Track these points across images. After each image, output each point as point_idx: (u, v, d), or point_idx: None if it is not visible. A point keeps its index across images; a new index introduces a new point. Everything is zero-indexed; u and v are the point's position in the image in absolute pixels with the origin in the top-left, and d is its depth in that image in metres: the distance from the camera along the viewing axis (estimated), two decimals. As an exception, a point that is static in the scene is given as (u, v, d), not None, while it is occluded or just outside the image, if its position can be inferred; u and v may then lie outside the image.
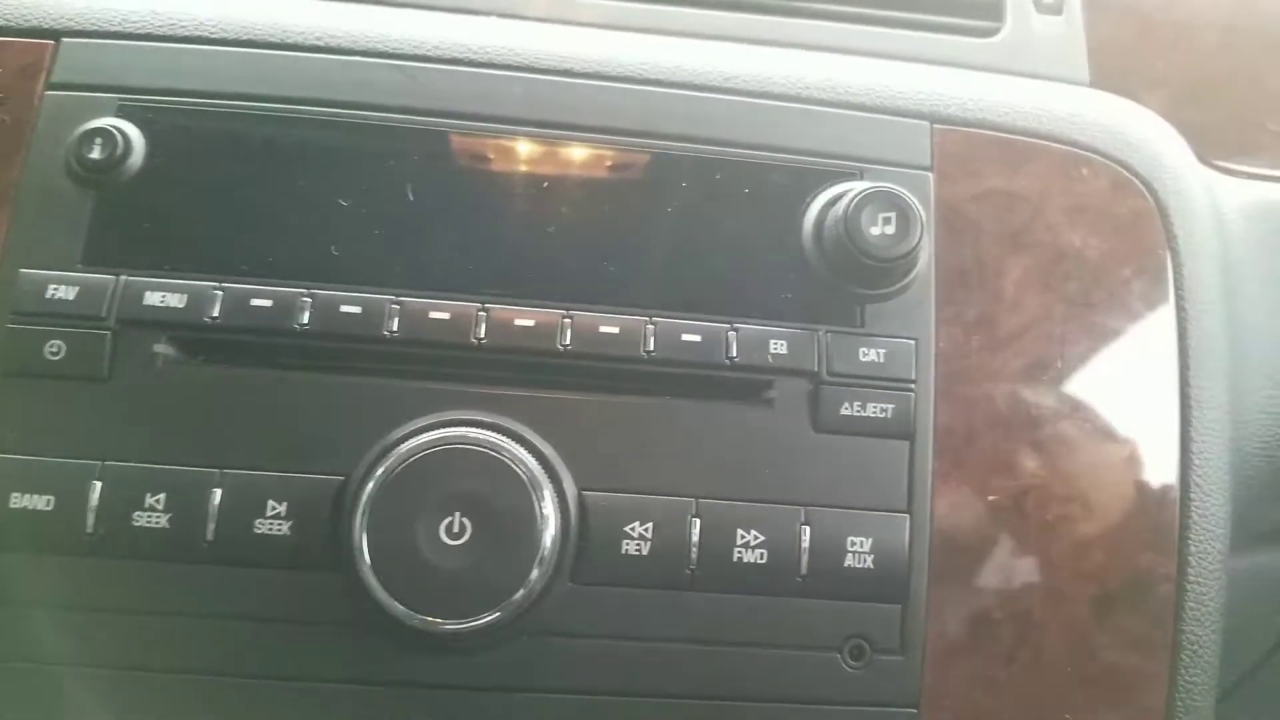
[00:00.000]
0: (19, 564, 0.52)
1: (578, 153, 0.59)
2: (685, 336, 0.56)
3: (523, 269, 0.57)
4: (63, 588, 0.52)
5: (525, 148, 0.59)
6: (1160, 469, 0.59)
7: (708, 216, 0.59)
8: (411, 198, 0.57)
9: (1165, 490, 0.59)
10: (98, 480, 0.52)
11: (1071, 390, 0.59)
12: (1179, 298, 0.61)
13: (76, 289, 0.54)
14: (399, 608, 0.50)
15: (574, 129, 0.59)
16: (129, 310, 0.54)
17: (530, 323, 0.55)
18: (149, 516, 0.52)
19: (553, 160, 0.59)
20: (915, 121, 0.61)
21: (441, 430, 0.53)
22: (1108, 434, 0.59)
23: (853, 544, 0.55)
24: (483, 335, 0.55)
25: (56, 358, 0.53)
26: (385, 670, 0.53)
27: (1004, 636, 0.56)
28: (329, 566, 0.52)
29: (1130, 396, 0.60)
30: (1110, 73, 0.71)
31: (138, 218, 0.56)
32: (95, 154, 0.56)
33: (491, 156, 0.59)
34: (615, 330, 0.56)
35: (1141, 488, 0.59)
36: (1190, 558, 0.58)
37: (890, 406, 0.56)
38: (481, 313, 0.55)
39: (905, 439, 0.57)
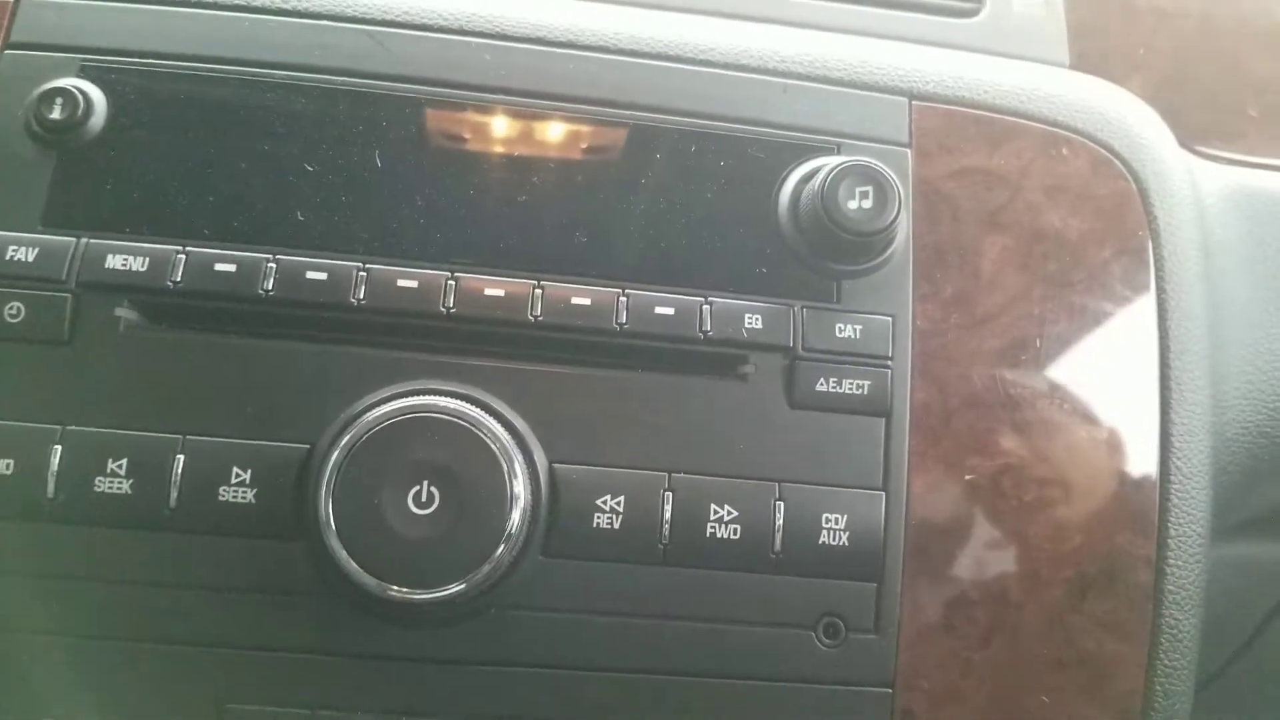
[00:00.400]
0: None
1: (551, 122, 0.58)
2: (658, 309, 0.55)
3: (493, 238, 0.56)
4: (22, 554, 0.51)
5: (497, 116, 0.58)
6: (1140, 451, 0.58)
7: (683, 189, 0.58)
8: (380, 164, 0.56)
9: (1145, 472, 0.58)
10: (58, 445, 0.51)
11: (1050, 371, 0.58)
12: (1159, 279, 0.61)
13: (36, 250, 0.53)
14: (365, 577, 0.49)
15: (547, 98, 0.58)
16: (90, 273, 0.53)
17: (500, 292, 0.54)
18: (111, 482, 0.50)
19: (525, 129, 0.58)
20: (894, 97, 0.61)
21: (410, 399, 0.51)
22: (1087, 415, 0.58)
23: (827, 521, 0.54)
24: (452, 304, 0.54)
25: (15, 320, 0.52)
26: (352, 641, 0.52)
27: (980, 617, 0.56)
28: (294, 535, 0.51)
29: (1110, 378, 0.59)
30: (1090, 56, 0.71)
31: (99, 179, 0.55)
32: (56, 114, 0.55)
33: (462, 124, 0.58)
34: (587, 302, 0.55)
35: (1121, 469, 0.58)
36: (1170, 540, 0.58)
37: (866, 383, 0.56)
38: (450, 281, 0.54)
39: (881, 416, 0.56)
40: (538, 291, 0.55)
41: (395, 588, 0.49)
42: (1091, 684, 0.56)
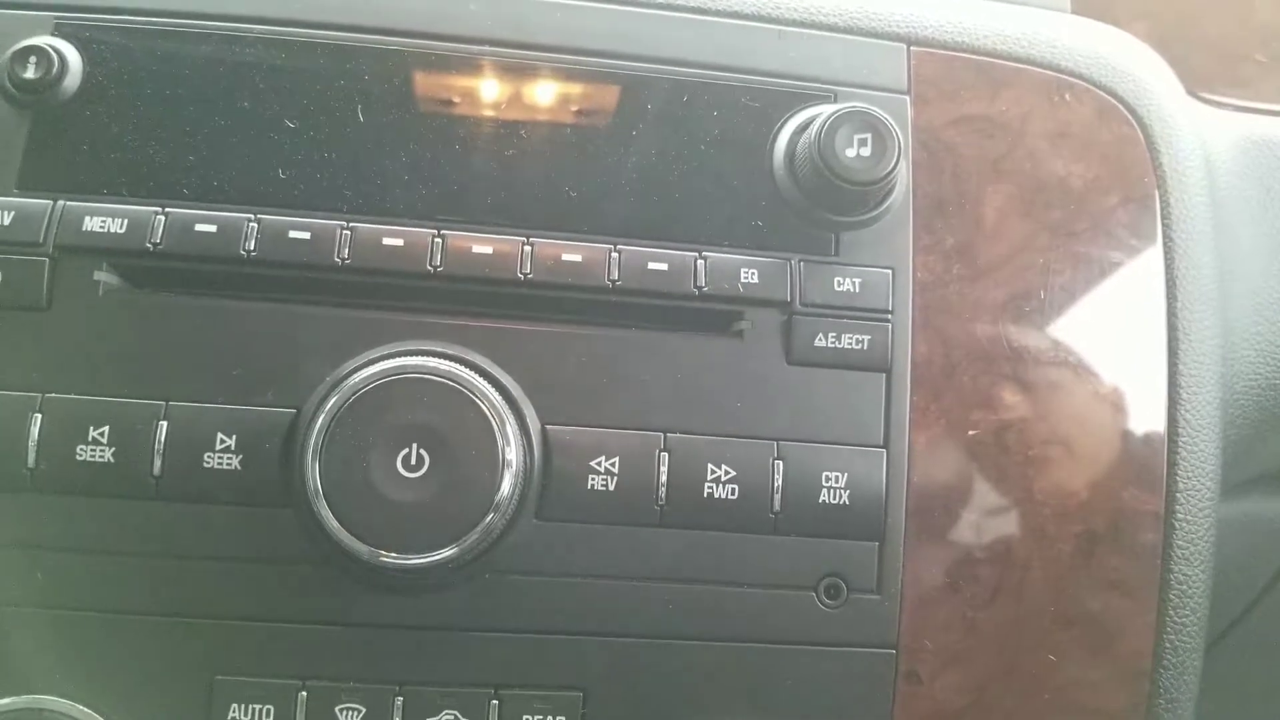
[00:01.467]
0: None
1: (539, 74, 0.56)
2: (651, 265, 0.53)
3: (480, 194, 0.54)
4: (4, 525, 0.49)
5: (483, 68, 0.56)
6: (1148, 404, 0.57)
7: (674, 141, 0.56)
8: (363, 120, 0.54)
9: (1152, 426, 0.57)
10: (38, 413, 0.49)
11: (1055, 323, 0.57)
12: (1166, 227, 0.59)
13: (12, 214, 0.51)
14: (355, 543, 0.48)
15: (535, 49, 0.56)
16: (68, 236, 0.51)
17: (488, 250, 0.53)
18: (93, 450, 0.49)
19: (512, 81, 0.56)
20: (891, 43, 0.59)
21: (397, 360, 0.50)
22: (1093, 368, 0.57)
23: (827, 480, 0.52)
24: (439, 263, 0.52)
25: None
26: (343, 610, 0.51)
27: (985, 576, 0.54)
28: (282, 502, 0.50)
29: (1116, 328, 0.57)
30: (1093, 1, 0.69)
31: (75, 140, 0.53)
32: (29, 74, 0.53)
33: (448, 77, 0.56)
34: (578, 258, 0.53)
35: (1128, 423, 0.57)
36: (1179, 495, 0.56)
37: (866, 338, 0.54)
38: (437, 239, 0.53)
39: (882, 371, 0.54)
40: (527, 248, 0.53)
41: (385, 553, 0.48)
42: (1099, 642, 0.55)
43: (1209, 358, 0.58)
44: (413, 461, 0.49)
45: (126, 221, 0.51)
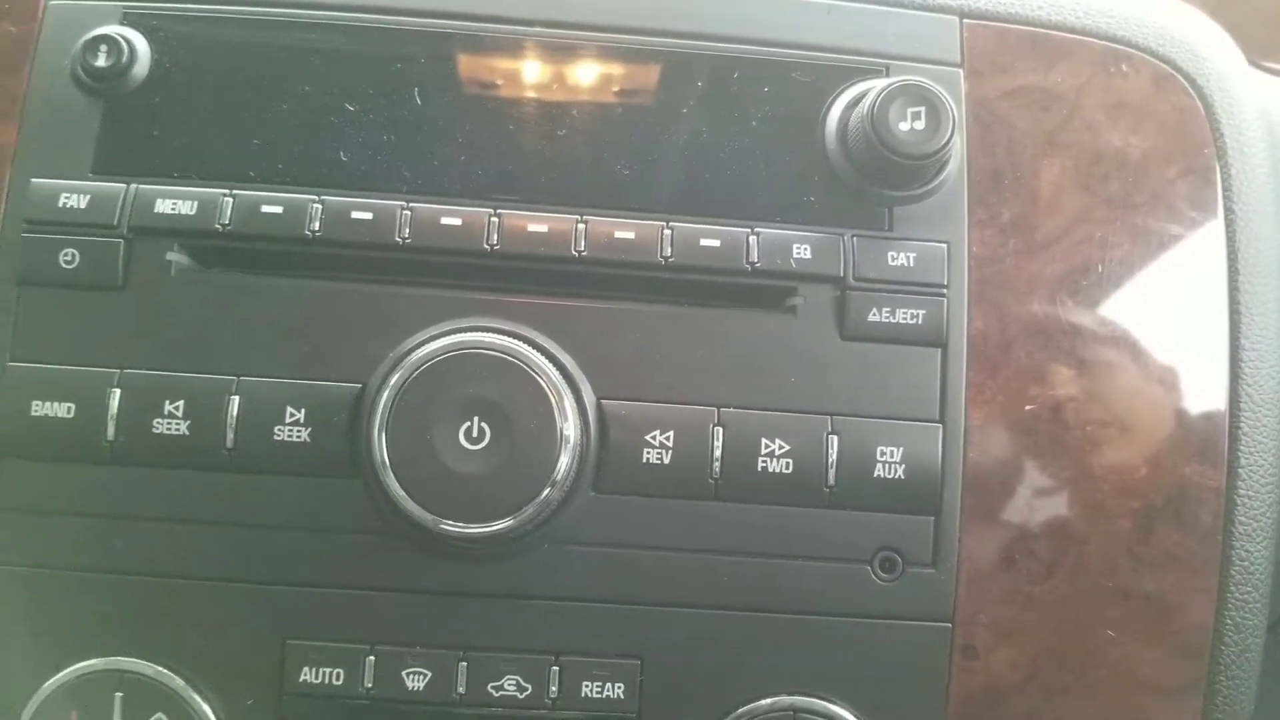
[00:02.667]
0: (40, 472, 0.52)
1: (590, 53, 0.57)
2: (704, 241, 0.54)
3: (535, 173, 0.55)
4: (84, 495, 0.52)
5: (536, 49, 0.57)
6: (1208, 378, 0.56)
7: (725, 117, 0.56)
8: (420, 103, 0.56)
9: (1213, 400, 0.56)
10: (116, 388, 0.51)
11: (1114, 297, 0.56)
12: (1227, 199, 0.58)
13: (88, 197, 0.53)
14: (420, 512, 0.49)
15: (587, 28, 0.57)
16: (140, 218, 0.53)
17: (543, 228, 0.54)
18: (168, 424, 0.51)
19: (565, 61, 0.57)
20: (944, 16, 0.59)
21: (458, 335, 0.51)
22: (1152, 341, 0.56)
23: (883, 454, 0.53)
24: (495, 241, 0.53)
25: (70, 266, 0.53)
26: (409, 577, 0.52)
27: (1041, 550, 0.54)
28: (349, 473, 0.51)
29: (1176, 302, 0.57)
30: (1152, -29, 0.68)
31: (146, 126, 0.55)
32: (101, 62, 0.55)
33: (501, 58, 0.57)
34: (631, 235, 0.54)
35: (1188, 398, 0.56)
36: (1241, 470, 0.56)
37: (921, 312, 0.54)
38: (494, 218, 0.54)
39: (937, 346, 0.54)
40: (580, 226, 0.54)
41: (449, 522, 0.49)
42: (1158, 618, 0.55)
43: (1271, 331, 0.57)
44: (474, 434, 0.50)
45: (196, 203, 0.53)
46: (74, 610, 0.52)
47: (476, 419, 0.50)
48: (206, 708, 0.51)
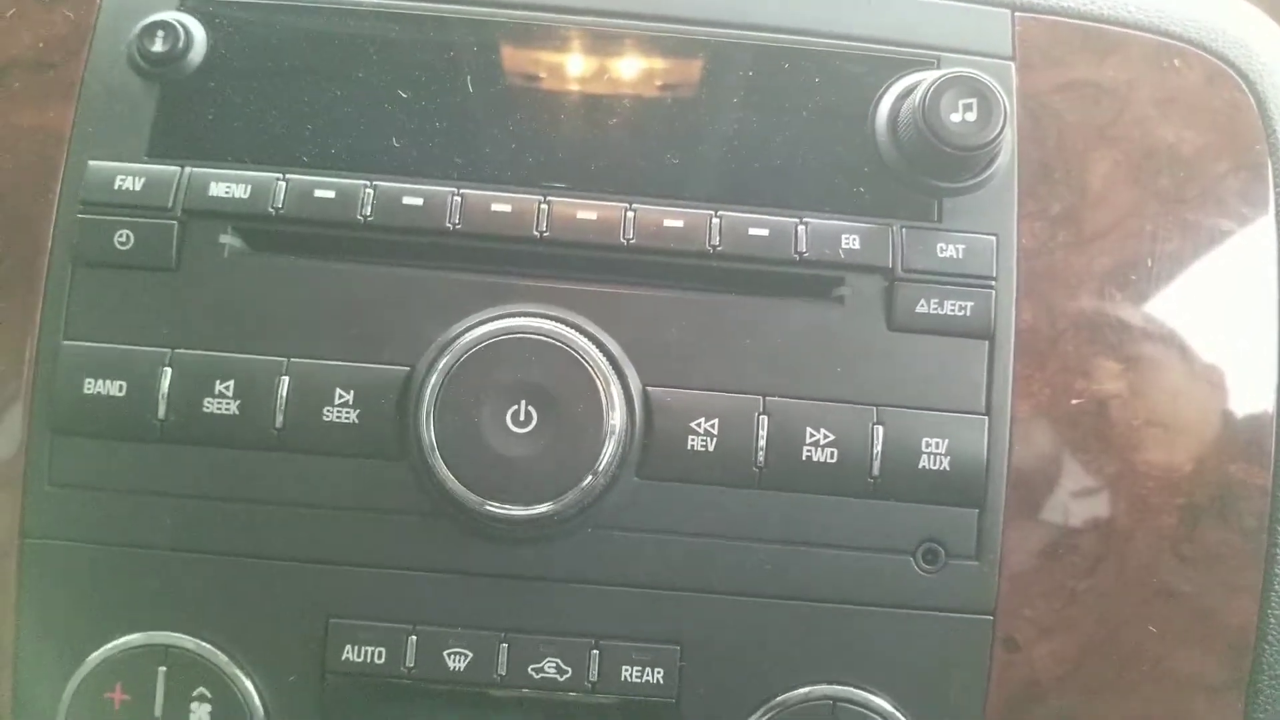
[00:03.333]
0: (91, 448, 0.52)
1: (641, 43, 0.57)
2: (752, 231, 0.54)
3: (584, 161, 0.55)
4: (134, 472, 0.53)
5: (586, 38, 0.57)
6: (1257, 375, 0.56)
7: (775, 107, 0.56)
8: (471, 89, 0.56)
9: (1261, 398, 0.56)
10: (168, 367, 0.52)
11: (1163, 292, 0.56)
12: (1279, 194, 0.58)
13: (143, 180, 0.54)
14: (466, 494, 0.50)
15: (637, 18, 0.57)
16: (194, 201, 0.54)
17: (592, 215, 0.54)
18: (219, 403, 0.52)
19: (615, 50, 0.57)
20: (996, 9, 0.58)
21: (507, 320, 0.52)
22: (1200, 338, 0.56)
23: (928, 445, 0.53)
24: (545, 228, 0.54)
25: (125, 247, 0.54)
26: (453, 558, 0.53)
27: (1086, 545, 0.54)
28: (396, 454, 0.52)
29: (1226, 299, 0.56)
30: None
31: (201, 110, 0.56)
32: (157, 47, 0.56)
33: (552, 47, 0.57)
34: (679, 224, 0.54)
35: (1236, 396, 0.56)
36: (1288, 468, 0.55)
37: (969, 304, 0.54)
38: (543, 205, 0.54)
39: (984, 338, 0.54)
40: (629, 214, 0.54)
41: (493, 504, 0.50)
42: (1201, 616, 0.55)
43: (1322, 330, 0.57)
44: (521, 418, 0.50)
45: (250, 187, 0.54)
46: (120, 585, 0.53)
47: (523, 403, 0.50)
48: (249, 684, 0.52)
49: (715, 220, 0.54)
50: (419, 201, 0.54)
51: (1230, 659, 0.55)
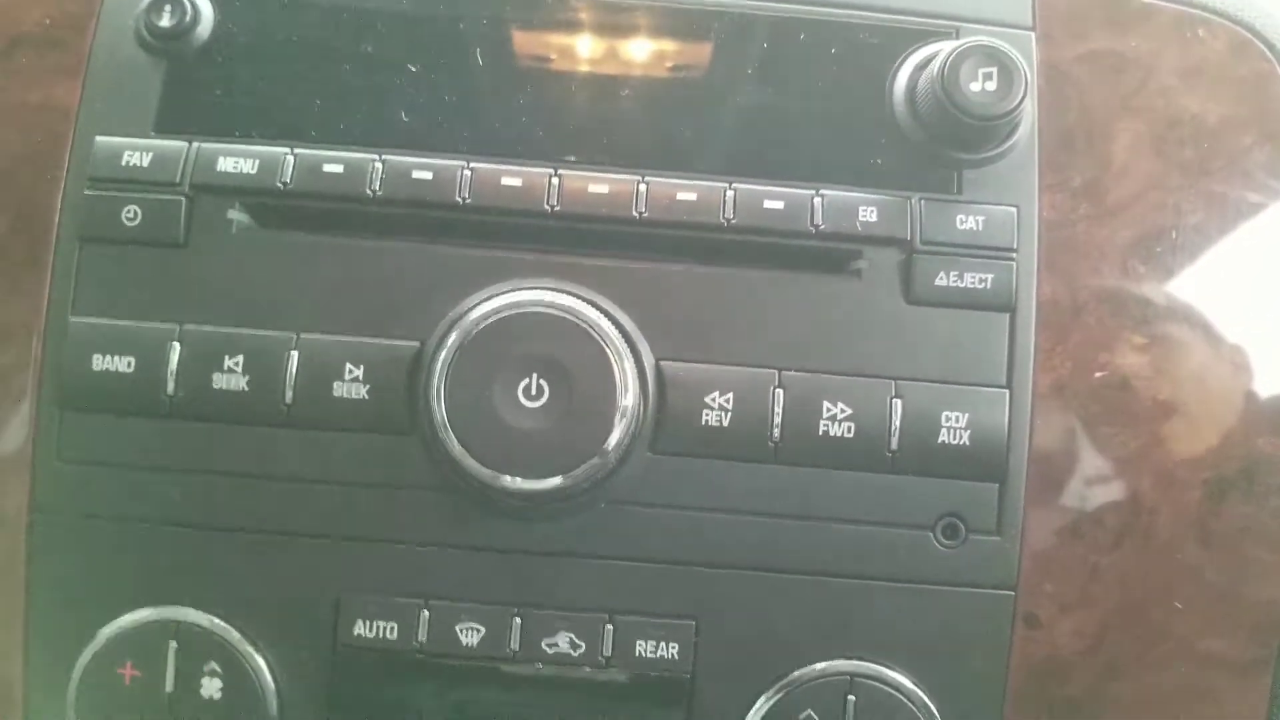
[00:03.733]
0: (100, 424, 0.52)
1: (653, 14, 0.56)
2: (767, 203, 0.53)
3: (595, 134, 0.55)
4: (143, 448, 0.52)
5: (597, 10, 0.56)
6: (1282, 349, 0.55)
7: (790, 79, 0.56)
8: (480, 63, 0.55)
9: (1288, 371, 0.55)
10: (177, 343, 0.52)
11: (1187, 264, 0.55)
12: (1306, 165, 0.57)
13: (151, 155, 0.53)
14: (477, 467, 0.49)
15: None
16: (202, 176, 0.53)
17: (604, 189, 0.53)
18: (228, 379, 0.51)
19: (627, 23, 0.56)
20: (1016, -22, 0.58)
21: (518, 294, 0.51)
22: (1226, 310, 0.55)
23: (947, 420, 0.52)
24: (555, 202, 0.53)
25: (133, 223, 0.53)
26: (464, 534, 0.52)
27: (1109, 520, 0.53)
28: (407, 429, 0.51)
29: (1251, 270, 0.55)
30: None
31: (209, 85, 0.55)
32: (164, 22, 0.55)
33: (563, 20, 0.56)
34: (693, 197, 0.53)
35: (1262, 366, 0.55)
36: (1316, 442, 0.54)
37: (989, 277, 0.53)
38: (554, 179, 0.53)
39: (1005, 311, 0.53)
40: (642, 187, 0.53)
41: (506, 478, 0.49)
42: (1228, 593, 0.54)
43: (1350, 302, 0.56)
44: (533, 392, 0.50)
45: (258, 162, 0.53)
46: (130, 561, 0.52)
47: (535, 376, 0.50)
48: (260, 659, 0.52)
49: (729, 193, 0.53)
50: (428, 175, 0.53)
51: (1257, 637, 0.54)
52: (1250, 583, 0.54)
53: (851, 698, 0.52)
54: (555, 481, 0.49)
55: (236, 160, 0.53)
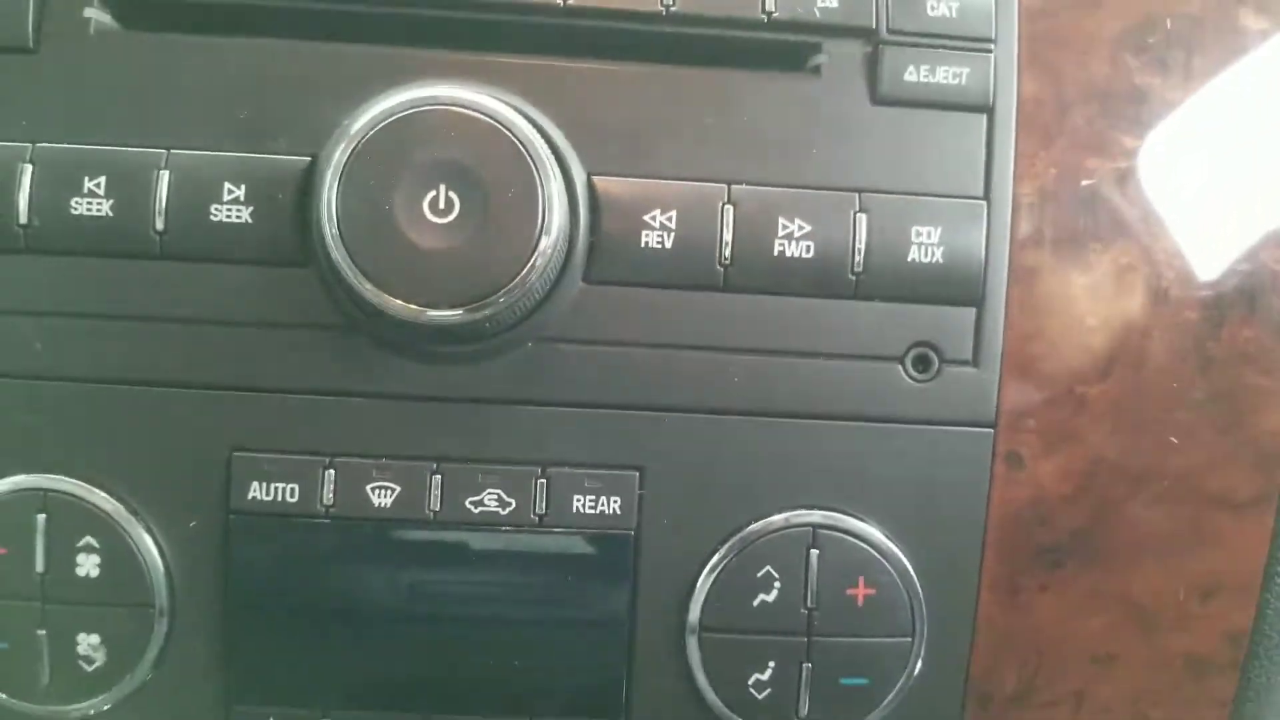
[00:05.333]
0: None
1: None
2: None
3: None
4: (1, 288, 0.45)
5: None
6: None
7: None
8: None
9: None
10: (28, 164, 0.44)
11: (1180, 54, 0.48)
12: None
13: None
14: (379, 295, 0.42)
15: None
16: None
17: None
18: (88, 203, 0.44)
19: None
20: None
21: (421, 92, 0.43)
22: (1224, 105, 0.48)
23: (918, 236, 0.46)
24: None
25: None
26: (373, 378, 0.45)
27: (1098, 345, 0.47)
28: (300, 259, 0.44)
29: (1252, 60, 0.49)
30: None
31: None
32: None
33: None
34: None
35: (1268, 172, 0.49)
36: (1322, 257, 0.49)
37: (965, 71, 0.46)
38: None
39: (983, 111, 0.47)
40: None
41: (414, 307, 0.42)
42: (1228, 422, 0.48)
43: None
44: (441, 205, 0.42)
45: None
46: None
47: (444, 188, 0.42)
48: (142, 531, 0.45)
49: None
50: None
51: (1260, 471, 0.49)
52: (1252, 412, 0.48)
53: (815, 551, 0.46)
54: (470, 314, 0.42)
55: None
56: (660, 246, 0.45)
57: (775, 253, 0.45)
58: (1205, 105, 0.48)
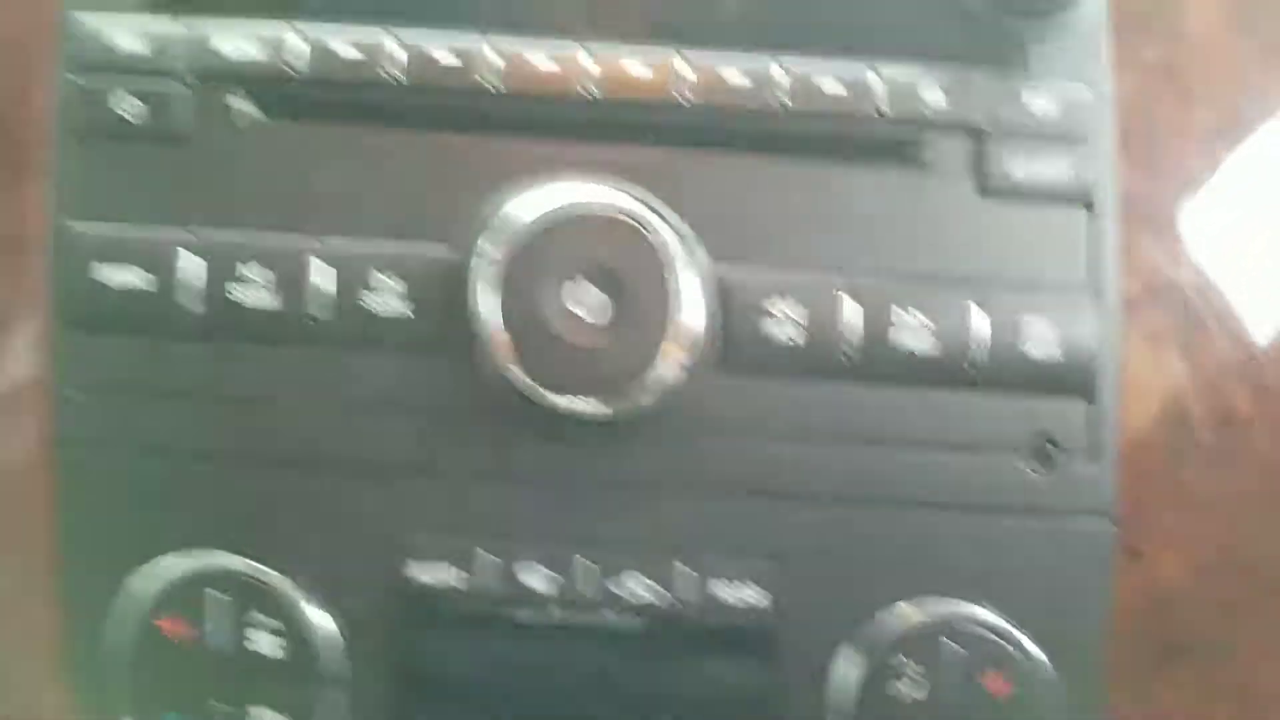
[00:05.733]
0: (103, 344, 0.45)
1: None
2: (827, 87, 0.47)
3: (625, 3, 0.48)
4: (147, 369, 0.46)
5: None
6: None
7: None
8: None
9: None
10: (186, 250, 0.45)
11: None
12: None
13: (142, 37, 0.46)
14: (531, 385, 0.43)
15: None
16: (201, 60, 0.46)
17: (646, 72, 0.46)
18: (244, 290, 0.45)
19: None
20: None
21: (561, 193, 0.45)
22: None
23: (1031, 328, 0.46)
24: (593, 87, 0.46)
25: (125, 114, 0.46)
26: (519, 463, 0.46)
27: (1210, 438, 0.47)
28: (449, 346, 0.45)
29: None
30: None
31: None
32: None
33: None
34: (745, 81, 0.46)
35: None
36: None
37: (1066, 164, 0.47)
38: (588, 61, 0.46)
39: (1085, 204, 0.47)
40: (684, 68, 0.46)
41: (561, 396, 0.43)
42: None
43: None
44: (585, 300, 0.44)
45: (261, 44, 0.46)
46: (159, 499, 0.46)
47: (587, 283, 0.44)
48: (305, 604, 0.45)
49: (780, 72, 0.47)
50: (455, 61, 0.46)
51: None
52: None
53: (950, 643, 0.45)
54: (615, 402, 0.43)
55: (238, 43, 0.46)
56: (783, 333, 0.45)
57: (893, 342, 0.45)
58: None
